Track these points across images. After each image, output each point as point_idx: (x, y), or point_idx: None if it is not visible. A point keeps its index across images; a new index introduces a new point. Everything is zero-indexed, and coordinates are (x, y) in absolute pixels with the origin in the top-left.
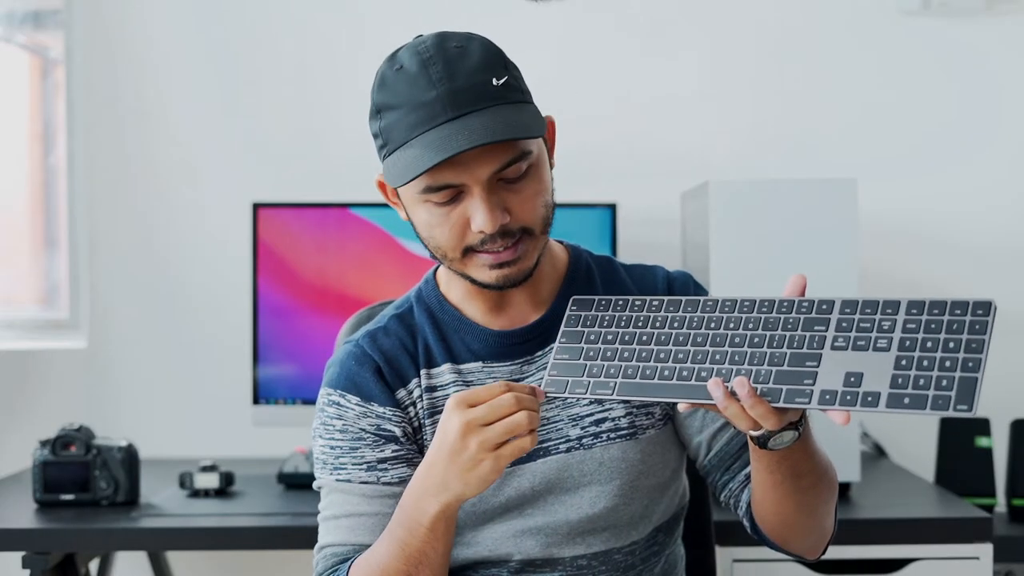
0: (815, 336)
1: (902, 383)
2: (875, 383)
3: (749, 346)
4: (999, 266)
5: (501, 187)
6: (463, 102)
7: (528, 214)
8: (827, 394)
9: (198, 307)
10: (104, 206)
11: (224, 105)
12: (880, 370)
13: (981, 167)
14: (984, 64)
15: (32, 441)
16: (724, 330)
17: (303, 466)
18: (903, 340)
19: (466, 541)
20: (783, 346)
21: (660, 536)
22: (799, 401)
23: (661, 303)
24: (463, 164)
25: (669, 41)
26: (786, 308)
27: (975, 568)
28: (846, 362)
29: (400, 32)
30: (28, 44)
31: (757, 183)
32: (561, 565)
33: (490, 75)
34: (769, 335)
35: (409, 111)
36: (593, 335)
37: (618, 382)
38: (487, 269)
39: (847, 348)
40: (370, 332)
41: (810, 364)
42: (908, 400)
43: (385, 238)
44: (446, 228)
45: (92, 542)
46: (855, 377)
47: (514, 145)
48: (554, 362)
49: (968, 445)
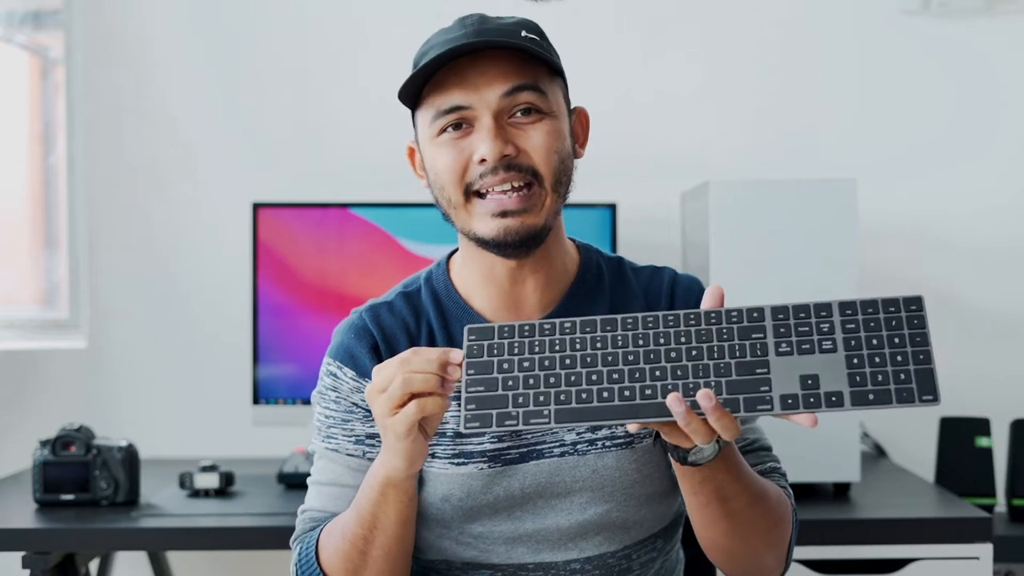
0: (756, 344)
1: (860, 381)
2: (833, 383)
3: (688, 359)
4: (999, 266)
5: (513, 124)
6: (486, 34)
7: (539, 154)
8: (788, 398)
9: (198, 307)
10: (104, 206)
11: (224, 105)
12: (834, 370)
13: (981, 167)
14: (984, 64)
15: (32, 441)
16: (655, 346)
17: (303, 466)
18: (847, 340)
19: (454, 536)
20: (725, 356)
21: (658, 541)
22: (761, 408)
23: (574, 325)
24: (473, 85)
25: (669, 41)
26: (715, 319)
27: (975, 568)
28: (797, 366)
29: (400, 32)
30: (28, 44)
31: (757, 183)
32: (554, 569)
33: (521, 29)
34: (706, 347)
35: (435, 50)
36: (506, 364)
37: (552, 409)
38: (488, 218)
39: (793, 353)
40: (374, 306)
41: (760, 371)
42: (873, 396)
43: (385, 238)
44: (450, 160)
45: (92, 542)
46: (811, 379)
47: (527, 76)
48: (468, 396)
49: (968, 445)
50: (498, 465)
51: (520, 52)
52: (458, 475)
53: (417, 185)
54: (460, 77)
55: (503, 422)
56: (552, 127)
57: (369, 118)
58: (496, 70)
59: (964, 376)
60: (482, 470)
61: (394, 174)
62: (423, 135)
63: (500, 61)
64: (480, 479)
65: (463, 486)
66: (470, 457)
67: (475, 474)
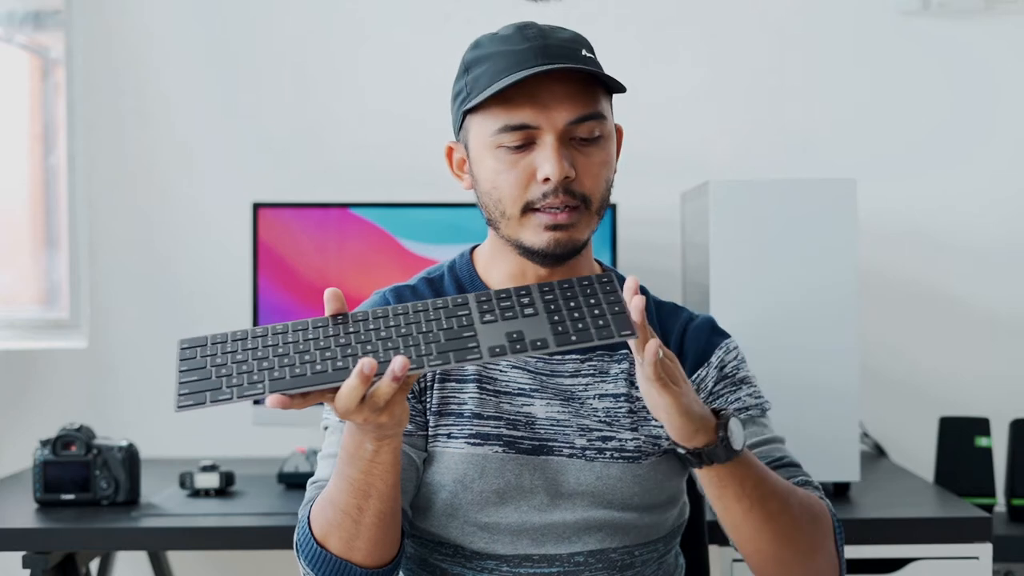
0: (462, 318)
1: (562, 330)
2: (537, 334)
3: (399, 336)
4: (999, 266)
5: (573, 145)
6: (554, 55)
7: (592, 181)
8: (496, 347)
9: (198, 307)
10: (104, 206)
11: (224, 105)
12: (538, 326)
13: (980, 167)
14: (983, 64)
15: (32, 441)
16: (366, 332)
17: (303, 466)
18: (547, 304)
19: (460, 526)
20: (434, 331)
21: (659, 545)
22: (470, 358)
23: (286, 328)
24: (543, 105)
25: (669, 41)
26: (423, 308)
27: (975, 568)
28: (503, 327)
29: (400, 32)
30: (28, 44)
31: (757, 183)
32: (559, 561)
33: (580, 48)
34: (415, 326)
35: (499, 60)
36: (220, 359)
37: (267, 383)
38: (541, 230)
39: (497, 320)
40: (398, 288)
41: (467, 335)
42: (575, 337)
43: (385, 238)
44: (512, 176)
45: (92, 542)
46: (516, 334)
47: (594, 103)
48: (181, 382)
49: (968, 445)
50: (512, 452)
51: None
52: (474, 455)
53: (417, 185)
54: (530, 96)
55: (216, 398)
56: (607, 154)
57: (369, 118)
58: (565, 92)
59: (964, 376)
60: (496, 453)
61: (394, 174)
62: (478, 140)
63: (569, 83)
64: (495, 462)
65: (478, 466)
66: (486, 439)
67: (490, 456)
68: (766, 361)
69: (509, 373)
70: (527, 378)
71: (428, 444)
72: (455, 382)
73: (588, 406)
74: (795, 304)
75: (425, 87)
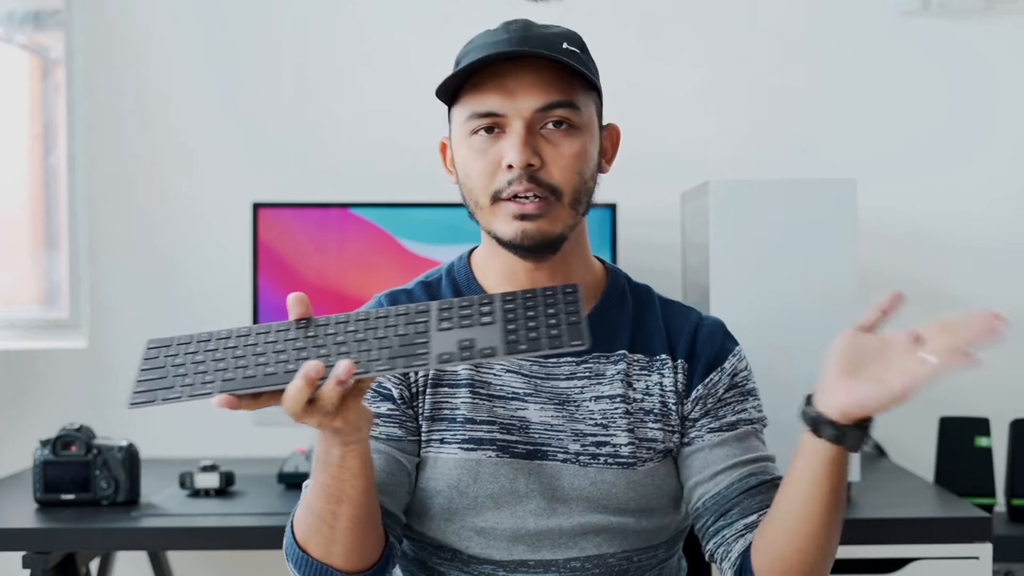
0: (418, 324)
1: (514, 338)
2: (489, 342)
3: (355, 341)
4: (999, 266)
5: (541, 135)
6: (530, 44)
7: (561, 172)
8: (444, 355)
9: (198, 307)
10: (104, 206)
11: (224, 105)
12: (491, 335)
13: (980, 167)
14: (983, 64)
15: (32, 441)
16: (324, 336)
17: (303, 466)
18: (505, 313)
19: (457, 530)
20: (389, 337)
21: (659, 551)
22: (416, 364)
23: (250, 331)
24: (509, 92)
25: (668, 41)
26: (383, 315)
27: (975, 568)
28: (456, 335)
29: (400, 32)
30: (28, 44)
31: (756, 183)
32: (555, 566)
33: (563, 41)
34: (372, 332)
35: (477, 51)
36: (180, 359)
37: (218, 383)
38: (510, 220)
39: (453, 328)
40: (393, 292)
41: (420, 341)
42: (524, 346)
43: (385, 238)
44: (481, 164)
45: (92, 542)
46: (468, 342)
47: (565, 92)
48: (139, 380)
49: (968, 445)
50: (506, 456)
51: (559, 64)
52: (468, 460)
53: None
54: (498, 82)
55: (168, 396)
56: (580, 145)
57: (369, 118)
58: (534, 80)
59: (964, 376)
60: (490, 458)
61: (394, 174)
62: (456, 132)
63: (539, 71)
64: (488, 467)
65: (472, 472)
66: (480, 444)
67: (484, 461)
68: (766, 361)
69: (503, 377)
70: (521, 382)
71: (421, 450)
72: (447, 387)
73: (584, 409)
74: (795, 304)
75: (425, 87)
